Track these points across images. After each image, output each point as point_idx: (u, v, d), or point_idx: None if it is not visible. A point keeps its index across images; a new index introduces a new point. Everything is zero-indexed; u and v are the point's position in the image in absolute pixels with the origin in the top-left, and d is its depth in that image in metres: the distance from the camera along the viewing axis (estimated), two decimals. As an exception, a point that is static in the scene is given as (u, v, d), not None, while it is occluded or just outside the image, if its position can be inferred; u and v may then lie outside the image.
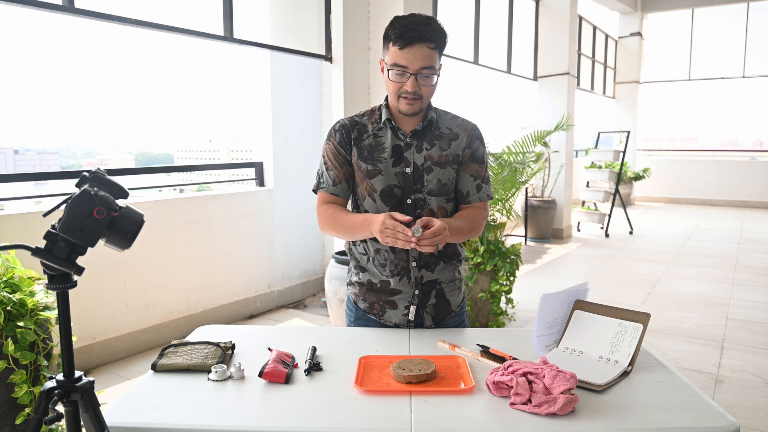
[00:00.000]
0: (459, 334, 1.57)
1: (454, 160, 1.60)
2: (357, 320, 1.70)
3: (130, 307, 3.47)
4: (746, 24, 11.17)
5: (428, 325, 1.64)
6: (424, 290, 1.63)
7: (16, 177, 3.09)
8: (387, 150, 1.58)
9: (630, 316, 1.38)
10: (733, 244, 7.27)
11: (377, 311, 1.65)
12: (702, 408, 1.14)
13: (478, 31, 6.39)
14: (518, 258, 3.84)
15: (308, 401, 1.17)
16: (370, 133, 1.61)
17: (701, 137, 19.66)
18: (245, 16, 3.76)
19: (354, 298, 1.71)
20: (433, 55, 1.47)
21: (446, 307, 1.67)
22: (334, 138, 1.62)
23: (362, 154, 1.59)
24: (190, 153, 20.74)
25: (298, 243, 4.71)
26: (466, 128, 1.63)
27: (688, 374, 3.17)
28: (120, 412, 1.13)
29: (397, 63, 1.47)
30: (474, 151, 1.63)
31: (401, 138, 1.59)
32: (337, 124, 1.63)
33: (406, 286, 1.61)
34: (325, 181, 1.63)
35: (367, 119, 1.63)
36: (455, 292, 1.69)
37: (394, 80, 1.50)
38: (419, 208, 1.58)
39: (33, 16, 2.90)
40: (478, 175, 1.63)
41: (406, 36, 1.44)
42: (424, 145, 1.58)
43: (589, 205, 8.69)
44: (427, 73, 1.48)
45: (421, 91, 1.49)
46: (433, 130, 1.60)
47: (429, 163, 1.57)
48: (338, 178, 1.61)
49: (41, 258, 0.97)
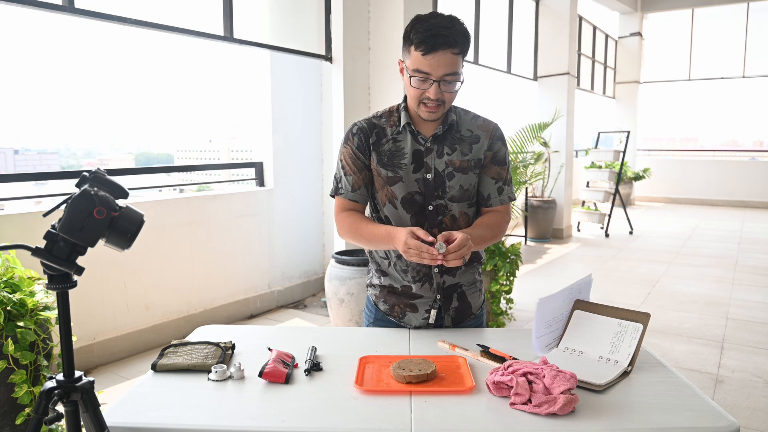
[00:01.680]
0: (459, 334, 1.57)
1: (476, 164, 1.56)
2: (376, 321, 1.69)
3: (130, 307, 3.47)
4: (746, 24, 11.16)
5: (447, 326, 1.64)
6: (446, 294, 1.61)
7: (16, 177, 3.08)
8: (407, 156, 1.54)
9: (630, 316, 1.38)
10: (733, 244, 7.27)
11: (397, 314, 1.64)
12: (702, 408, 1.14)
13: (478, 31, 6.39)
14: (518, 258, 3.84)
15: (308, 401, 1.17)
16: (389, 137, 1.56)
17: (701, 137, 19.63)
18: (245, 16, 3.76)
19: (374, 299, 1.69)
20: (457, 60, 1.41)
21: (467, 309, 1.66)
22: (352, 142, 1.57)
23: (382, 160, 1.55)
24: (190, 153, 20.74)
25: (298, 243, 4.71)
26: (487, 129, 1.59)
27: (688, 374, 3.17)
28: (120, 412, 1.13)
29: (419, 69, 1.41)
30: (495, 152, 1.59)
31: (421, 143, 1.54)
32: (355, 127, 1.58)
33: (428, 291, 1.60)
34: (344, 187, 1.58)
35: (386, 121, 1.58)
36: (476, 294, 1.68)
37: (416, 86, 1.44)
38: (441, 215, 1.55)
39: (33, 16, 2.90)
40: (500, 177, 1.60)
41: (430, 42, 1.38)
42: (445, 149, 1.54)
43: (589, 205, 8.69)
44: (451, 79, 1.42)
45: (443, 98, 1.44)
46: (454, 133, 1.56)
47: (450, 169, 1.54)
48: (357, 183, 1.57)
49: (41, 258, 0.97)
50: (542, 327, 1.43)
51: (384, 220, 1.61)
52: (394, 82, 4.17)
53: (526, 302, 4.57)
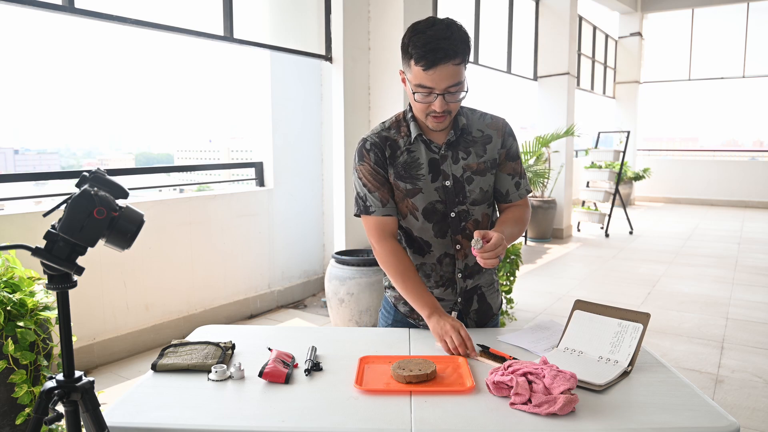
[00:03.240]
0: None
1: (492, 165, 1.56)
2: (396, 323, 1.68)
3: (130, 307, 3.47)
4: (746, 24, 11.16)
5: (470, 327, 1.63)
6: (466, 297, 1.61)
7: (16, 177, 3.09)
8: (423, 166, 1.52)
9: (630, 316, 1.38)
10: (733, 244, 7.27)
11: (417, 316, 1.63)
12: (702, 408, 1.14)
13: (478, 30, 6.40)
14: (518, 258, 3.84)
15: (308, 401, 1.17)
16: (402, 149, 1.53)
17: (701, 137, 19.65)
18: (245, 16, 3.76)
19: (393, 301, 1.68)
20: (459, 70, 1.38)
21: (488, 311, 1.66)
22: (368, 158, 1.53)
23: (399, 173, 1.52)
24: (190, 153, 20.75)
25: (298, 243, 4.71)
26: (497, 127, 1.57)
27: (688, 374, 3.17)
28: (120, 412, 1.13)
29: (422, 84, 1.39)
30: (509, 149, 1.58)
31: (435, 151, 1.53)
32: (367, 143, 1.54)
33: (450, 295, 1.60)
34: (373, 204, 1.53)
35: (396, 133, 1.55)
36: (494, 294, 1.68)
37: (420, 101, 1.42)
38: (463, 220, 1.55)
39: (33, 16, 2.91)
40: (515, 172, 1.60)
41: (429, 57, 1.34)
42: (459, 154, 1.53)
43: (589, 205, 8.69)
44: (455, 90, 1.40)
45: (449, 108, 1.42)
46: (466, 136, 1.55)
47: (469, 173, 1.53)
48: (385, 198, 1.53)
49: (41, 258, 0.97)
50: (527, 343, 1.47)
51: (405, 231, 1.60)
52: (394, 82, 4.17)
53: (526, 302, 4.57)
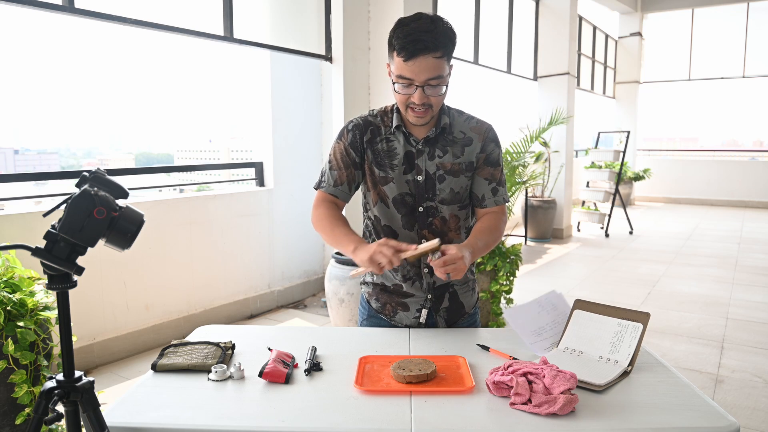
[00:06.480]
0: (459, 335, 1.57)
1: (468, 167, 1.56)
2: (369, 318, 1.69)
3: (130, 307, 3.47)
4: (746, 24, 11.16)
5: (440, 326, 1.63)
6: (437, 294, 1.61)
7: (16, 177, 3.09)
8: (399, 156, 1.54)
9: (630, 316, 1.38)
10: (733, 244, 7.27)
11: (389, 312, 1.65)
12: (702, 408, 1.14)
13: (478, 30, 6.39)
14: (518, 258, 3.84)
15: (308, 401, 1.17)
16: (383, 136, 1.56)
17: (701, 137, 19.65)
18: (245, 16, 3.76)
19: (367, 296, 1.70)
20: (441, 63, 1.39)
21: (460, 309, 1.66)
22: (345, 138, 1.57)
23: (376, 159, 1.55)
24: (190, 153, 20.74)
25: (298, 243, 4.71)
26: (479, 131, 1.58)
27: (688, 374, 3.17)
28: (120, 412, 1.13)
29: (402, 75, 1.40)
30: (488, 154, 1.58)
31: (413, 144, 1.54)
32: (351, 124, 1.59)
33: (419, 290, 1.60)
34: (326, 181, 1.59)
35: (380, 121, 1.58)
36: (468, 293, 1.68)
37: (400, 92, 1.43)
38: (431, 216, 1.56)
39: (33, 16, 2.91)
40: (493, 178, 1.59)
41: (410, 47, 1.36)
42: (436, 152, 1.54)
43: (589, 205, 8.69)
44: (435, 83, 1.41)
45: (429, 101, 1.43)
46: (446, 135, 1.55)
47: (441, 172, 1.54)
48: (341, 179, 1.58)
49: (41, 258, 0.97)
50: (529, 335, 1.45)
51: (374, 219, 1.61)
52: (394, 82, 4.16)
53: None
